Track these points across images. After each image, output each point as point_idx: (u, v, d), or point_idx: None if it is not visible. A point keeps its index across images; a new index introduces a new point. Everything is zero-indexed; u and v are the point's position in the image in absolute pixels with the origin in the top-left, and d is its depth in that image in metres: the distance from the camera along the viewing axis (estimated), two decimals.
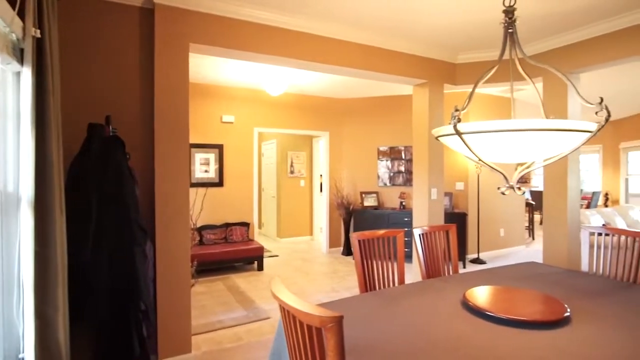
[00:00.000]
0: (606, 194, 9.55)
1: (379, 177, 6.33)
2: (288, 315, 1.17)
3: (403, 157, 6.18)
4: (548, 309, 1.66)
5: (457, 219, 5.37)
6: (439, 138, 1.78)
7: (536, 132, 1.42)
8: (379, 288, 2.30)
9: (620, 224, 5.34)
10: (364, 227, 5.87)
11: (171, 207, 2.72)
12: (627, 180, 9.20)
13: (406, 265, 5.47)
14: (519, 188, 1.72)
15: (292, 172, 7.52)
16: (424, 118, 4.04)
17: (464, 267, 5.40)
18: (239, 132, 5.84)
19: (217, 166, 5.69)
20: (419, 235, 2.48)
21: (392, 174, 6.25)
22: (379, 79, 3.94)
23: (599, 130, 1.47)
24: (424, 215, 4.02)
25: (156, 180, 2.68)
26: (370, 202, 6.16)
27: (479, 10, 3.02)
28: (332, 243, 6.53)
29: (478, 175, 5.76)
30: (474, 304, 1.72)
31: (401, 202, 5.88)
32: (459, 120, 1.59)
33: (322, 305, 1.85)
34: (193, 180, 5.48)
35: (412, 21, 3.25)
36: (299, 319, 1.09)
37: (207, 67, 4.67)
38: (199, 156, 5.58)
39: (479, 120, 1.53)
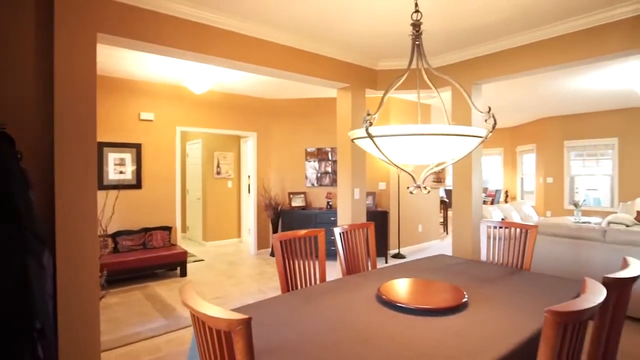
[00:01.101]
0: (506, 192, 10.83)
1: (306, 177, 6.42)
2: (198, 321, 1.13)
3: (330, 158, 6.35)
4: (449, 297, 1.83)
5: (379, 217, 5.66)
6: (354, 140, 1.86)
7: (436, 136, 1.56)
8: (301, 287, 2.34)
9: (516, 218, 6.10)
10: (292, 227, 5.91)
11: (75, 213, 2.46)
12: (522, 179, 10.53)
13: (333, 263, 5.65)
14: (425, 187, 1.87)
15: (218, 173, 7.29)
16: (347, 121, 4.20)
17: (386, 262, 5.71)
18: (160, 130, 5.50)
19: (134, 167, 5.29)
20: (340, 234, 2.57)
21: (319, 175, 6.38)
22: (303, 81, 4.00)
23: (487, 136, 1.66)
24: (348, 214, 4.18)
25: (56, 182, 2.40)
26: (298, 202, 6.22)
27: (393, 22, 3.23)
28: (261, 244, 6.47)
29: (399, 176, 6.14)
30: (387, 297, 1.83)
31: (328, 202, 6.03)
32: (371, 124, 1.68)
33: (242, 308, 1.83)
34: (105, 183, 5.03)
35: (335, 27, 3.35)
36: (208, 324, 1.06)
37: (123, 60, 4.32)
38: (113, 156, 5.14)
39: (400, 125, 1.63)
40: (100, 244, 3.44)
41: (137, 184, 5.29)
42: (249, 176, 7.11)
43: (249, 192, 7.16)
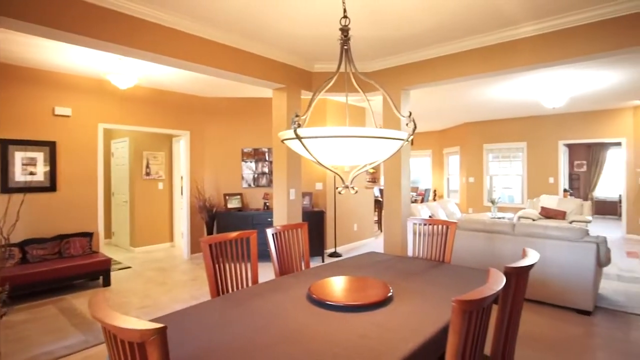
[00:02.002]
0: (435, 191, 11.60)
1: (243, 178, 6.30)
2: (109, 334, 1.05)
3: (267, 158, 6.29)
4: (376, 293, 1.91)
5: (316, 217, 5.74)
6: (284, 141, 1.87)
7: (361, 138, 1.62)
8: (232, 290, 2.28)
9: (442, 215, 6.56)
10: (228, 229, 5.76)
11: None
12: (448, 179, 11.37)
13: (269, 264, 5.60)
14: (353, 188, 1.93)
15: (148, 174, 6.84)
16: (283, 121, 4.20)
17: (323, 261, 5.81)
18: (78, 127, 5.01)
19: (47, 168, 4.76)
20: (272, 235, 2.55)
21: (256, 175, 6.29)
22: (237, 80, 3.92)
23: (408, 139, 1.76)
24: (283, 214, 4.17)
25: None
26: (234, 204, 6.07)
27: (327, 26, 3.29)
28: (194, 248, 6.20)
29: (334, 177, 6.28)
30: (317, 296, 1.86)
31: (265, 203, 5.98)
32: (299, 126, 1.70)
33: (167, 315, 1.73)
34: (12, 185, 4.47)
35: (271, 27, 3.33)
36: (120, 336, 0.99)
37: (34, 47, 3.87)
38: (20, 155, 4.57)
39: (330, 127, 1.66)
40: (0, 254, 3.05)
41: (50, 187, 4.77)
42: (181, 177, 6.78)
43: (181, 193, 6.83)
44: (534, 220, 7.12)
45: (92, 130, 5.14)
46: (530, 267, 1.57)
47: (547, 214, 7.30)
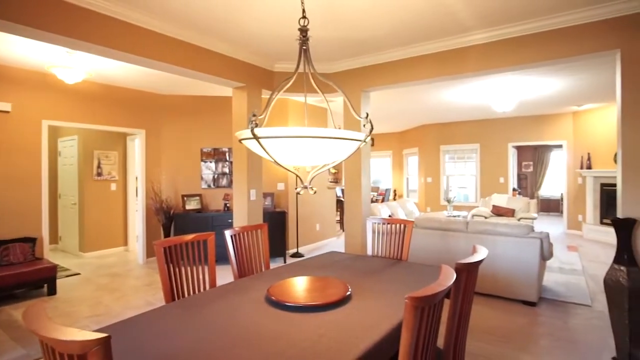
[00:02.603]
0: (395, 190, 11.92)
1: (202, 179, 6.12)
2: (47, 348, 0.98)
3: (227, 158, 6.16)
4: (335, 292, 1.93)
5: (278, 217, 5.70)
6: (242, 141, 1.83)
7: (318, 139, 1.63)
8: (189, 295, 2.21)
9: (401, 214, 6.74)
10: (186, 231, 5.57)
11: None
12: (408, 179, 11.72)
13: (229, 267, 5.47)
14: (312, 188, 1.94)
15: (99, 175, 6.47)
16: (243, 121, 4.13)
17: (285, 261, 5.78)
18: (19, 124, 4.64)
19: None
20: (231, 236, 2.50)
21: (216, 176, 6.15)
22: (195, 78, 3.80)
23: (365, 140, 1.79)
24: (244, 215, 4.11)
25: None
26: (193, 205, 5.89)
27: (287, 26, 3.28)
28: (151, 252, 5.95)
29: (297, 177, 6.26)
30: (275, 298, 1.84)
31: (225, 204, 5.85)
32: (257, 125, 1.68)
33: (117, 324, 1.64)
34: None
35: (231, 25, 3.26)
36: (58, 349, 0.92)
37: None
38: None
39: (288, 127, 1.65)
40: None
41: None
42: (136, 178, 6.48)
43: (136, 195, 6.52)
44: (486, 218, 7.51)
45: (35, 128, 4.78)
46: (479, 262, 1.65)
47: (498, 211, 7.73)
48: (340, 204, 9.21)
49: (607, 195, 7.43)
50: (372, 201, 11.19)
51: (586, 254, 6.27)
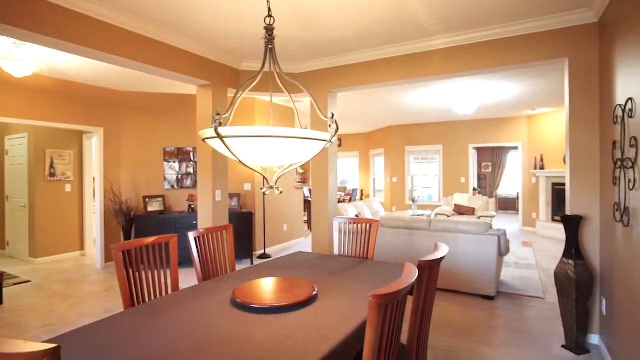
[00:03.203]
0: (362, 190, 12.09)
1: (165, 179, 5.92)
2: None
3: (192, 158, 6.00)
4: (301, 292, 1.92)
5: (244, 218, 5.62)
6: (205, 140, 1.79)
7: (283, 139, 1.62)
8: (150, 299, 2.13)
9: (368, 213, 6.85)
10: (148, 234, 5.36)
11: None
12: (374, 179, 11.92)
13: (193, 270, 5.33)
14: (277, 188, 1.93)
15: (52, 175, 6.09)
16: (207, 120, 4.03)
17: (252, 263, 5.70)
18: None
19: None
20: (195, 238, 2.43)
21: (180, 176, 5.96)
22: (157, 75, 3.67)
23: (331, 140, 1.81)
24: (209, 216, 4.01)
25: None
26: (155, 206, 5.68)
27: (253, 24, 3.24)
28: (110, 256, 5.67)
29: (264, 177, 6.19)
30: (241, 300, 1.81)
31: (190, 205, 5.69)
32: (221, 124, 1.64)
33: (70, 333, 1.55)
34: None
35: (195, 22, 3.17)
36: None
37: None
38: None
39: (252, 126, 1.62)
40: None
41: None
42: (94, 178, 6.16)
43: (94, 196, 6.20)
44: (448, 216, 7.78)
45: None
46: (440, 259, 1.71)
47: (460, 210, 8.04)
48: (307, 204, 9.22)
49: (558, 194, 7.93)
50: (340, 201, 11.29)
51: (539, 249, 6.65)
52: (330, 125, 1.81)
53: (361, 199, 11.91)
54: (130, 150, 5.87)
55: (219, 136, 1.61)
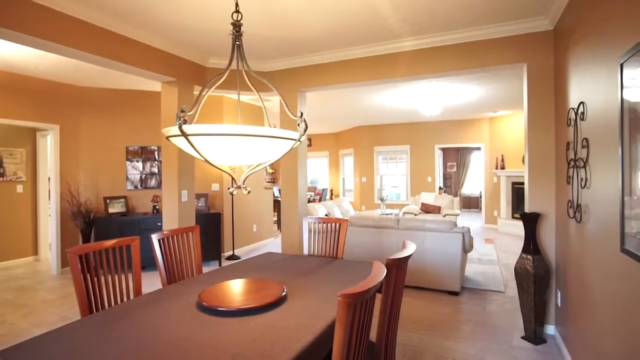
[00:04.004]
0: (332, 190, 12.15)
1: (128, 179, 5.67)
2: None
3: (157, 157, 5.78)
4: (269, 293, 1.90)
5: (212, 219, 5.49)
6: (169, 138, 1.73)
7: (250, 137, 1.59)
8: (110, 306, 2.02)
9: (337, 213, 6.89)
10: (109, 237, 5.12)
11: None
12: (344, 179, 12.02)
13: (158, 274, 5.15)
14: (245, 188, 1.89)
15: (2, 175, 5.68)
16: (172, 117, 3.90)
17: (220, 265, 5.58)
18: None
19: None
20: (158, 240, 2.34)
21: (144, 176, 5.73)
22: (118, 70, 3.50)
23: (299, 139, 1.79)
24: (174, 218, 3.88)
25: None
26: (117, 208, 5.43)
27: (221, 20, 3.17)
28: (67, 261, 5.36)
29: (231, 177, 6.08)
30: (207, 303, 1.76)
31: (154, 206, 5.48)
32: (185, 122, 1.59)
33: (19, 345, 1.44)
34: None
35: (160, 16, 3.05)
36: None
37: None
38: None
39: (218, 124, 1.57)
40: None
41: None
42: (49, 179, 5.80)
43: (49, 198, 5.84)
44: (416, 215, 7.98)
45: None
46: (408, 257, 1.74)
47: (427, 209, 8.26)
48: (277, 204, 9.15)
49: (517, 192, 8.33)
50: (310, 201, 11.29)
51: (500, 246, 6.96)
52: (299, 124, 1.80)
53: (331, 198, 11.97)
54: (89, 148, 5.58)
55: (183, 134, 1.55)
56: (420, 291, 4.31)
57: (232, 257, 6.00)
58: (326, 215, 6.35)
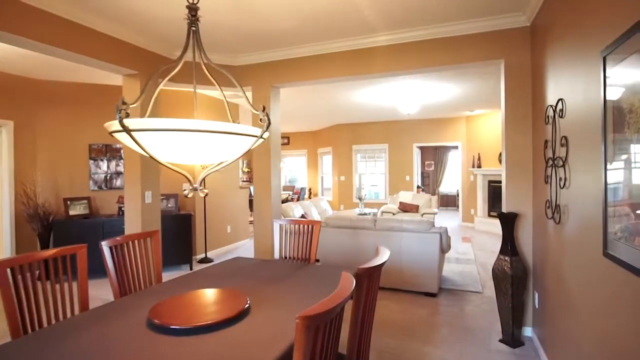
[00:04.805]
0: (310, 189, 11.99)
1: (92, 179, 5.33)
2: None
3: (122, 156, 5.46)
4: (230, 306, 1.72)
5: (183, 220, 5.23)
6: (112, 134, 1.52)
7: (204, 133, 1.40)
8: (49, 324, 1.79)
9: (315, 213, 6.74)
10: (69, 241, 4.78)
11: None
12: (322, 178, 11.88)
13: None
14: (202, 190, 1.70)
15: None
16: (135, 114, 3.63)
17: (191, 268, 5.33)
18: None
19: None
20: (110, 248, 2.12)
21: (109, 176, 5.41)
22: (74, 61, 3.22)
23: (262, 135, 1.62)
24: (137, 221, 3.63)
25: None
26: (79, 209, 5.09)
27: (181, 8, 2.94)
28: None
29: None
30: (159, 321, 1.57)
31: (120, 208, 5.17)
32: (127, 115, 1.39)
33: None
34: None
35: (123, 4, 2.80)
36: None
37: None
38: None
39: (165, 118, 1.38)
40: None
41: None
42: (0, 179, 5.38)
43: (1, 200, 5.42)
44: (394, 214, 7.92)
45: None
46: (381, 266, 1.60)
47: (405, 208, 8.22)
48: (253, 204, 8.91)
49: (494, 190, 8.40)
50: (288, 200, 11.09)
51: (477, 244, 6.98)
52: (261, 119, 1.62)
53: (310, 197, 11.81)
54: (48, 146, 5.21)
55: (125, 129, 1.35)
56: (397, 293, 4.21)
57: (205, 260, 5.76)
58: (302, 215, 6.18)
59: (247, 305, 1.75)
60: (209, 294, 1.88)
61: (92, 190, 5.33)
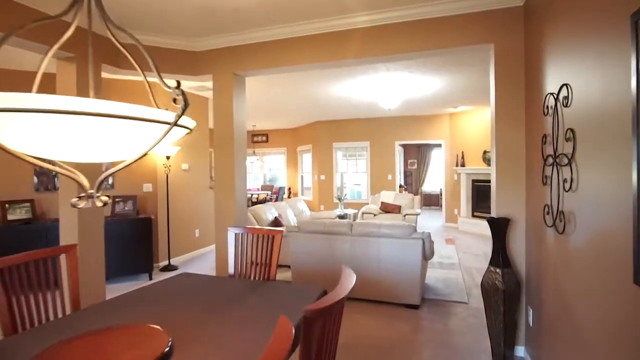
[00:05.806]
0: (289, 188, 11.53)
1: (36, 179, 4.74)
2: None
3: None
4: (142, 354, 1.27)
5: (141, 225, 4.71)
6: None
7: (88, 117, 0.95)
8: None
9: (290, 214, 6.29)
10: (7, 250, 4.19)
11: None
12: (302, 177, 11.43)
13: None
14: (99, 197, 1.24)
15: None
16: None
17: (151, 278, 4.82)
18: None
19: None
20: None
21: (56, 174, 4.83)
22: None
23: (176, 122, 1.17)
24: (73, 229, 3.10)
25: None
26: (19, 214, 4.50)
27: None
28: None
29: (167, 176, 5.32)
30: None
31: None
32: None
33: None
34: None
35: None
36: None
37: None
38: None
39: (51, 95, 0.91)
40: None
41: None
42: None
43: None
44: (375, 215, 7.54)
45: None
46: (341, 302, 1.17)
47: (386, 208, 7.86)
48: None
49: (478, 190, 8.13)
50: (266, 200, 10.61)
51: (461, 246, 6.67)
52: (174, 99, 1.17)
53: (289, 197, 11.35)
54: None
55: None
56: (375, 306, 3.80)
57: (168, 268, 5.24)
58: (277, 217, 5.73)
59: (167, 349, 1.30)
60: (115, 335, 1.41)
61: (36, 192, 4.74)
